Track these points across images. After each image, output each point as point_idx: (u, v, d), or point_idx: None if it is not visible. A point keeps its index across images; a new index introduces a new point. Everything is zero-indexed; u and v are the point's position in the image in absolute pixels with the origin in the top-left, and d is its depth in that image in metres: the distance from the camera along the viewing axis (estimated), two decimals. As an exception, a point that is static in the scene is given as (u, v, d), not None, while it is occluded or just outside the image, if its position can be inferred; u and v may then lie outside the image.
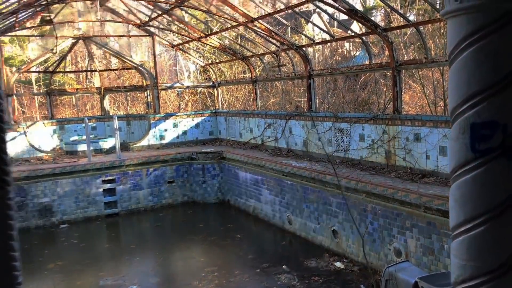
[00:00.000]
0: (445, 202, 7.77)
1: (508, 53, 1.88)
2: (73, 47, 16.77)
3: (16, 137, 15.20)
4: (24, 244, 12.28)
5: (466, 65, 1.91)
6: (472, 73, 1.90)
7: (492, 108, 1.89)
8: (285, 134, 13.91)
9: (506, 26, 1.85)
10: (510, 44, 1.88)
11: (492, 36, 1.86)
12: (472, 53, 1.89)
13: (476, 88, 1.89)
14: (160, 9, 14.04)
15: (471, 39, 1.88)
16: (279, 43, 12.62)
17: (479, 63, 1.88)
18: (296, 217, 11.67)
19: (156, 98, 17.06)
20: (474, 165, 1.93)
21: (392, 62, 10.04)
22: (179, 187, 15.31)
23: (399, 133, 10.04)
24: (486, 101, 1.89)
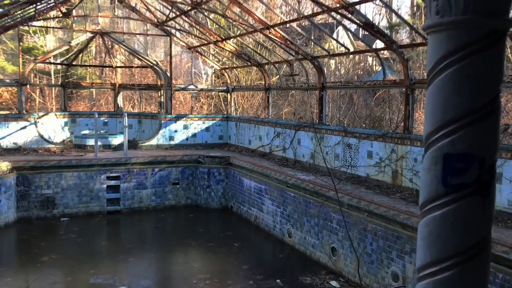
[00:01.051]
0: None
1: (490, 77, 1.66)
2: (91, 41, 16.81)
3: (26, 126, 15.26)
4: (23, 234, 12.29)
5: (443, 88, 1.70)
6: (449, 97, 1.69)
7: (469, 138, 1.67)
8: (294, 144, 13.69)
9: (490, 47, 1.64)
10: (493, 67, 1.66)
11: (474, 57, 1.64)
12: (450, 74, 1.68)
13: (452, 115, 1.68)
14: (178, 10, 13.99)
15: (450, 58, 1.67)
16: (294, 52, 12.43)
17: (458, 87, 1.67)
18: (296, 230, 11.42)
19: (169, 98, 16.99)
20: (445, 201, 1.71)
21: (406, 80, 9.76)
22: (183, 189, 15.17)
23: (407, 153, 9.74)
24: (462, 130, 1.67)
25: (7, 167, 12.71)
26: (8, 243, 12.13)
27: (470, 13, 1.62)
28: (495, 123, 1.71)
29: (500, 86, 1.71)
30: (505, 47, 1.70)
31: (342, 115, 17.72)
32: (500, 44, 1.68)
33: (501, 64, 1.70)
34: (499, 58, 1.69)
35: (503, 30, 1.67)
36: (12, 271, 9.77)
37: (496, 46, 1.67)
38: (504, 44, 1.68)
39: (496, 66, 1.68)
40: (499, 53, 1.69)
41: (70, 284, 9.26)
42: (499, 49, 1.69)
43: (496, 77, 1.69)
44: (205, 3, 11.76)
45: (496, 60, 1.68)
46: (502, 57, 1.70)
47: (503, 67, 1.70)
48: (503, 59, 1.70)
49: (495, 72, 1.69)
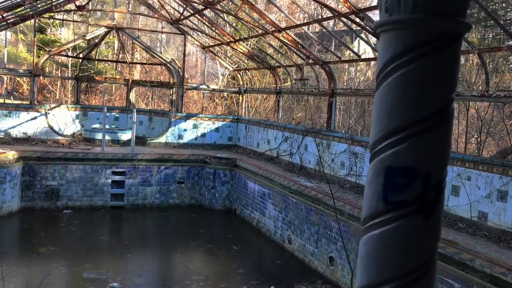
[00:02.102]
0: (446, 246, 7.21)
1: (440, 84, 1.49)
2: (106, 36, 16.88)
3: (37, 117, 15.37)
4: (25, 224, 12.35)
5: (389, 93, 1.53)
6: (394, 104, 1.52)
7: (413, 151, 1.50)
8: (300, 150, 13.50)
9: (441, 51, 1.47)
10: (444, 73, 1.49)
11: (422, 61, 1.47)
12: (397, 79, 1.51)
13: (396, 124, 1.51)
14: (193, 9, 13.94)
15: (397, 61, 1.50)
16: (305, 56, 12.25)
17: (403, 93, 1.50)
18: (297, 237, 11.23)
19: (180, 97, 16.96)
20: (384, 219, 1.55)
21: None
22: (188, 189, 15.09)
23: (412, 165, 9.47)
24: (406, 141, 1.50)
25: (14, 156, 12.78)
26: (9, 232, 12.19)
27: (419, 12, 1.46)
28: (445, 135, 1.54)
29: (453, 95, 1.54)
30: (460, 51, 1.53)
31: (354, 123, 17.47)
32: (453, 48, 1.51)
33: (454, 70, 1.53)
34: (451, 64, 1.52)
35: (456, 33, 1.50)
36: (8, 260, 9.76)
37: (448, 50, 1.50)
38: (458, 48, 1.51)
39: (447, 72, 1.51)
40: (452, 58, 1.52)
41: (63, 277, 9.23)
42: (452, 54, 1.52)
43: (448, 84, 1.52)
44: (217, 3, 11.68)
45: (448, 65, 1.51)
46: (455, 62, 1.53)
47: (456, 73, 1.53)
48: (456, 65, 1.53)
49: (446, 79, 1.52)
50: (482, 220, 8.14)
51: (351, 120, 19.27)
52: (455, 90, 1.55)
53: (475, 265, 6.77)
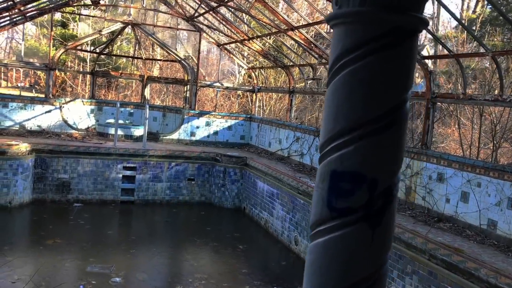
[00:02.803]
0: (452, 253, 7.01)
1: (391, 83, 1.38)
2: (122, 31, 16.97)
3: (51, 110, 15.54)
4: (34, 216, 12.49)
5: (337, 92, 1.43)
6: (341, 104, 1.42)
7: (359, 155, 1.39)
8: (311, 151, 13.35)
9: (392, 48, 1.36)
10: (396, 72, 1.38)
11: (371, 59, 1.37)
12: (345, 77, 1.41)
13: (342, 125, 1.41)
14: (207, 6, 13.90)
15: (346, 58, 1.40)
16: (318, 55, 12.10)
17: (350, 92, 1.40)
18: (303, 238, 11.10)
19: (194, 94, 16.96)
20: (328, 227, 1.45)
21: (428, 93, 9.29)
22: (198, 186, 15.08)
23: (422, 169, 9.27)
24: (352, 144, 1.39)
25: (26, 148, 12.94)
26: (19, 223, 12.34)
27: (368, 5, 1.35)
28: (396, 138, 1.43)
29: (407, 95, 1.43)
30: (415, 48, 1.42)
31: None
32: (406, 45, 1.40)
33: (408, 69, 1.42)
34: (404, 62, 1.41)
35: (411, 29, 1.39)
36: (15, 251, 9.88)
37: (400, 47, 1.39)
38: (413, 46, 1.40)
39: (399, 71, 1.40)
40: (405, 56, 1.41)
41: (66, 270, 9.27)
42: (405, 51, 1.40)
43: (400, 84, 1.41)
44: (230, 0, 11.61)
45: (400, 64, 1.40)
46: (409, 60, 1.41)
47: (410, 72, 1.42)
48: (410, 64, 1.42)
49: (398, 78, 1.41)
50: (491, 229, 7.90)
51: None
52: (409, 91, 1.44)
53: (480, 275, 6.56)
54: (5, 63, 16.15)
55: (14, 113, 15.08)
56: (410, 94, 1.44)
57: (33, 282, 8.19)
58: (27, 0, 12.18)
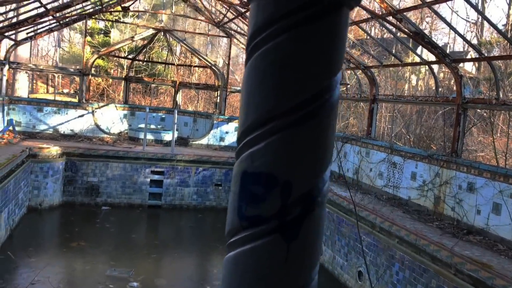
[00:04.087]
0: (479, 269, 6.54)
1: (308, 67, 1.15)
2: (154, 38, 17.16)
3: (84, 115, 15.83)
4: (62, 218, 12.68)
5: (250, 78, 1.20)
6: (253, 91, 1.19)
7: (270, 152, 1.16)
8: (339, 158, 12.99)
9: (308, 24, 1.13)
10: (313, 53, 1.14)
11: (283, 37, 1.14)
12: (257, 60, 1.18)
13: (253, 118, 1.18)
14: (236, 11, 13.83)
15: (258, 38, 1.18)
16: (345, 60, 11.76)
17: (262, 78, 1.17)
18: (327, 248, 10.76)
19: (224, 99, 16.91)
20: (238, 239, 1.21)
21: (458, 98, 8.81)
22: (226, 191, 14.96)
23: (452, 178, 8.78)
24: (263, 140, 1.16)
25: (57, 151, 13.19)
26: (47, 225, 12.56)
27: (279, -27, 1.13)
28: (317, 133, 1.19)
29: (331, 81, 1.19)
30: (341, 25, 1.18)
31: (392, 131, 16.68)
32: (328, 20, 1.16)
33: (332, 49, 1.18)
34: (326, 41, 1.17)
35: (332, 2, 1.15)
36: (39, 253, 10.02)
37: (320, 23, 1.15)
38: (338, 22, 1.16)
39: (320, 51, 1.16)
40: (327, 34, 1.16)
41: (85, 273, 9.31)
42: (327, 28, 1.16)
43: (321, 67, 1.17)
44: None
45: (321, 43, 1.16)
46: (334, 40, 1.17)
47: (335, 53, 1.18)
48: (335, 43, 1.17)
49: (319, 60, 1.16)
50: (525, 243, 7.35)
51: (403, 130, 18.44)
52: (335, 76, 1.19)
53: (509, 293, 6.08)
54: (41, 69, 16.62)
55: (49, 117, 15.45)
56: (337, 81, 1.19)
57: (51, 284, 8.24)
58: (59, 7, 12.46)
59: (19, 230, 11.10)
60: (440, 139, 15.65)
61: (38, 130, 15.29)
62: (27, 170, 12.30)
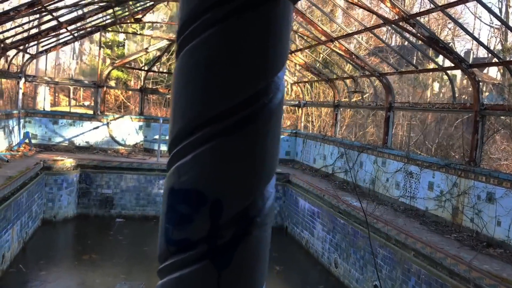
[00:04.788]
0: (499, 284, 6.21)
1: (239, 67, 0.97)
2: (168, 48, 17.19)
3: (99, 127, 15.90)
4: (76, 230, 12.68)
5: (176, 81, 1.04)
6: (179, 96, 1.02)
7: (197, 166, 0.98)
8: (355, 167, 12.70)
9: (238, 17, 0.95)
10: (245, 50, 0.97)
11: (210, 32, 0.97)
12: (183, 59, 1.00)
13: (180, 125, 1.01)
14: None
15: (184, 34, 1.01)
16: (360, 67, 11.55)
17: (188, 80, 1.00)
18: (343, 261, 10.46)
19: (238, 109, 16.80)
20: (167, 266, 1.04)
21: (476, 105, 8.50)
22: (240, 203, 14.76)
23: (470, 188, 8.43)
24: (190, 152, 0.98)
25: (71, 164, 13.24)
26: (60, 237, 12.57)
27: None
28: (253, 143, 1.00)
29: (270, 83, 1.00)
30: (282, 18, 1.00)
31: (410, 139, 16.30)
32: (262, 12, 0.98)
33: (270, 45, 0.99)
34: (263, 36, 0.99)
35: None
36: (50, 266, 9.98)
37: (252, 15, 0.98)
38: (275, 13, 0.98)
39: (254, 48, 0.98)
40: (263, 28, 0.98)
41: (95, 287, 9.22)
42: (262, 21, 0.98)
43: (255, 67, 0.99)
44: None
45: (256, 39, 0.98)
46: (272, 34, 0.99)
47: (272, 50, 1.00)
48: (272, 38, 0.99)
49: (253, 59, 0.98)
50: (549, 256, 6.97)
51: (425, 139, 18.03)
52: (274, 77, 1.01)
53: (531, 310, 5.74)
54: (56, 82, 16.80)
55: (64, 130, 15.55)
56: (278, 82, 1.01)
57: (60, 297, 8.17)
58: (72, 20, 12.56)
59: (33, 242, 11.11)
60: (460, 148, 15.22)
61: (53, 142, 15.41)
62: (41, 183, 12.35)
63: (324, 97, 21.06)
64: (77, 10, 12.76)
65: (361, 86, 12.65)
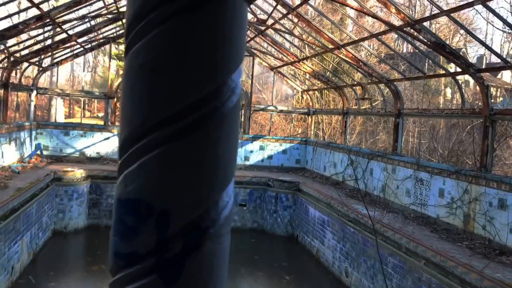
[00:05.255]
0: (511, 293, 6.04)
1: (184, 70, 0.92)
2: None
3: (109, 137, 15.98)
4: (86, 241, 12.70)
5: (124, 85, 1.00)
6: (126, 101, 0.98)
7: (143, 175, 0.93)
8: (365, 175, 12.56)
9: (182, 17, 0.90)
10: (191, 52, 0.92)
11: (154, 34, 0.92)
12: (129, 62, 0.97)
13: (126, 131, 0.97)
14: (256, 30, 13.76)
15: (130, 35, 0.97)
16: (367, 74, 11.46)
17: (134, 84, 0.96)
18: (353, 270, 10.31)
19: (248, 118, 16.79)
20: (116, 280, 0.99)
21: (485, 110, 8.35)
22: (250, 212, 14.71)
23: (481, 195, 8.26)
24: (136, 160, 0.94)
25: (82, 174, 13.30)
26: (70, 248, 12.59)
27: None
28: (202, 150, 0.95)
29: (219, 86, 0.95)
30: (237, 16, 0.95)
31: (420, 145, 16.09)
32: (208, 11, 0.93)
33: (221, 46, 0.94)
34: (213, 36, 0.94)
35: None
36: (59, 277, 10.00)
37: (198, 14, 0.93)
38: (223, 11, 0.94)
39: (200, 50, 0.93)
40: (210, 27, 0.94)
41: (103, 298, 9.20)
42: (209, 20, 0.94)
43: (202, 69, 0.94)
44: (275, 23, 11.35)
45: (205, 38, 0.94)
46: (224, 34, 0.94)
47: (226, 50, 0.94)
48: (225, 38, 0.94)
49: (202, 60, 0.93)
50: None
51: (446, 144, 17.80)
52: (227, 79, 0.96)
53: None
54: (67, 93, 16.97)
55: (75, 141, 15.67)
56: (230, 85, 0.95)
57: (68, 309, 8.15)
58: (81, 32, 12.69)
59: (43, 254, 11.14)
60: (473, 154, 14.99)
61: (65, 153, 15.51)
62: (51, 194, 12.42)
63: (334, 105, 20.96)
64: (86, 23, 12.89)
65: (370, 93, 12.53)
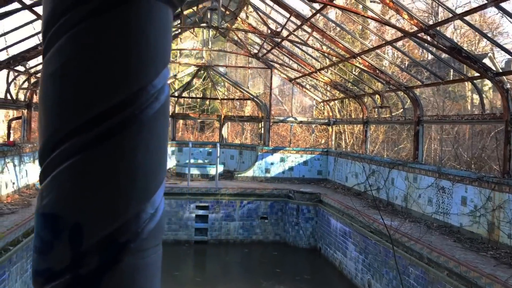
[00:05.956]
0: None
1: (94, 76, 0.88)
2: (196, 74, 17.44)
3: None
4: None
5: (40, 93, 0.97)
6: (42, 110, 0.95)
7: (56, 188, 0.90)
8: (387, 184, 12.32)
9: (90, 22, 0.87)
10: (101, 57, 0.88)
11: (65, 40, 0.89)
12: (44, 69, 0.94)
13: (42, 142, 0.94)
14: (272, 42, 13.77)
15: (44, 42, 0.94)
16: (385, 82, 11.29)
17: (46, 92, 0.92)
18: (376, 282, 10.07)
19: (267, 130, 16.75)
20: (34, 299, 0.96)
21: (506, 114, 8.09)
22: (272, 224, 14.59)
23: (505, 202, 7.97)
24: (50, 173, 0.91)
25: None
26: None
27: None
28: (117, 159, 0.90)
29: (143, 89, 0.90)
30: (157, 22, 0.91)
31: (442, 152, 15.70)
32: (118, 14, 0.89)
33: (136, 51, 0.90)
34: (122, 40, 0.90)
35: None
36: None
37: (107, 16, 0.89)
38: (135, 14, 0.90)
39: (111, 54, 0.89)
40: (122, 31, 0.90)
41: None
42: (120, 24, 0.90)
43: (116, 75, 0.90)
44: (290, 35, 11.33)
45: (114, 43, 0.90)
46: (139, 36, 0.89)
47: (135, 57, 0.90)
48: (142, 41, 0.89)
49: (110, 66, 0.89)
50: None
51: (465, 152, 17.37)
52: (146, 85, 0.91)
53: None
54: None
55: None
56: (152, 90, 0.90)
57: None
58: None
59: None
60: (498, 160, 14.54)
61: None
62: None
63: (356, 114, 20.73)
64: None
65: (389, 101, 12.35)
